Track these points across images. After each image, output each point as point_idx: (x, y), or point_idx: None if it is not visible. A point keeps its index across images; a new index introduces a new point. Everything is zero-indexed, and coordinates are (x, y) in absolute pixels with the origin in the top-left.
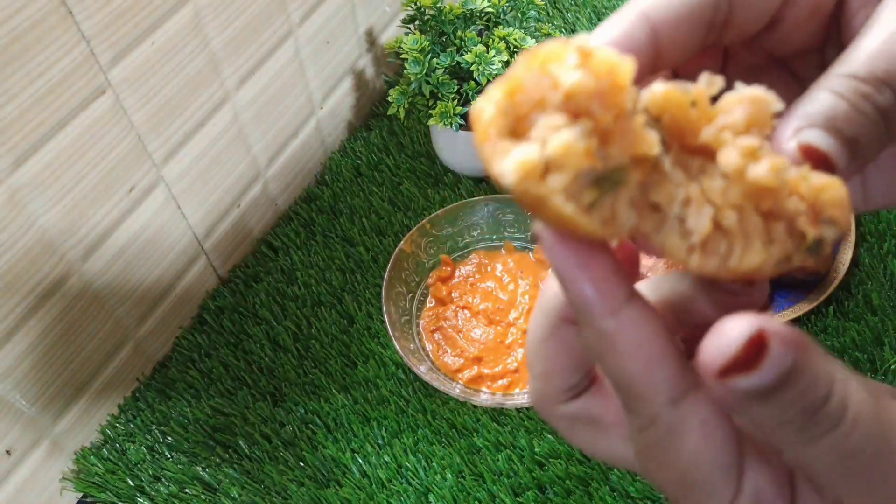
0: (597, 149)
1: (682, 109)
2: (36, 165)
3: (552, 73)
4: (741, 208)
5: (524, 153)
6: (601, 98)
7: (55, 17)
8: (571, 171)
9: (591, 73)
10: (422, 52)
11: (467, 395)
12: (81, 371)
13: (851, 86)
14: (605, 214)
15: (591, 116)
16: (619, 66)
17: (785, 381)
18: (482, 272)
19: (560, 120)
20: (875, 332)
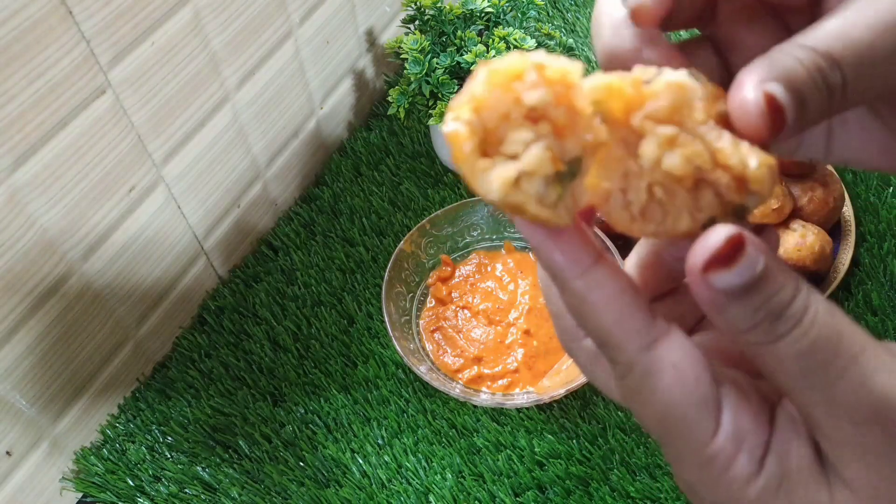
0: (559, 151)
1: (621, 96)
2: (36, 165)
3: (515, 90)
4: (668, 183)
5: (504, 172)
6: (556, 101)
7: (55, 17)
8: (541, 177)
9: (548, 86)
10: (422, 52)
11: (467, 395)
12: (81, 371)
13: (811, 57)
14: (569, 204)
15: (549, 118)
16: (570, 72)
17: (758, 281)
18: (482, 272)
19: (528, 135)
20: (875, 332)
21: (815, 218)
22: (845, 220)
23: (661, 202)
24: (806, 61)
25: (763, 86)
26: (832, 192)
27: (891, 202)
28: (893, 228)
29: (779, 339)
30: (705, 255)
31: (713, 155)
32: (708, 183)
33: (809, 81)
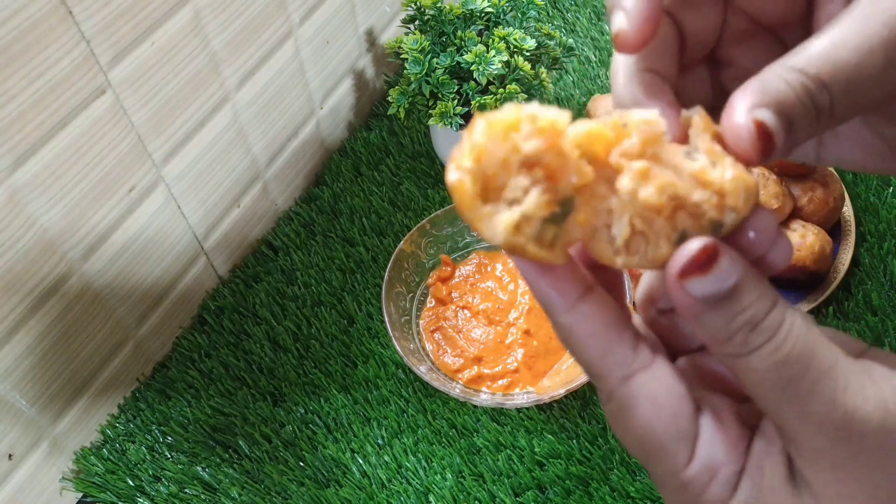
0: (552, 193)
1: (602, 139)
2: (36, 165)
3: (512, 140)
4: (647, 214)
5: (507, 218)
6: (548, 148)
7: (55, 17)
8: (538, 220)
9: (540, 136)
10: (422, 52)
11: (467, 395)
12: (81, 371)
13: (799, 80)
14: (563, 243)
15: (542, 164)
16: (559, 121)
17: (733, 291)
18: (482, 272)
19: (526, 181)
20: (875, 332)
21: (815, 218)
22: (845, 220)
23: (643, 233)
24: (795, 84)
25: (753, 112)
26: (832, 192)
27: (891, 202)
28: (893, 228)
29: (753, 352)
30: (681, 262)
31: (697, 176)
32: (685, 209)
33: (798, 104)
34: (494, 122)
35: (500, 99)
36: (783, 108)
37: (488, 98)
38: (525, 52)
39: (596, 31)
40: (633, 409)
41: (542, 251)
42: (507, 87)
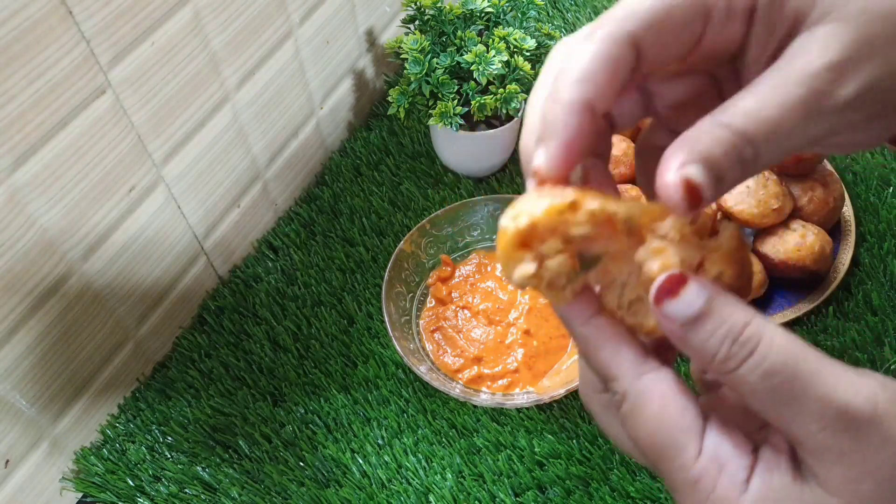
0: (577, 258)
1: (651, 215)
2: (36, 165)
3: (567, 223)
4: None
5: (525, 270)
6: (596, 229)
7: (55, 17)
8: (563, 279)
9: (593, 224)
10: (422, 52)
11: (467, 395)
12: (81, 371)
13: (726, 136)
14: (576, 287)
15: (581, 238)
16: (615, 213)
17: (705, 310)
18: (482, 272)
19: (558, 245)
20: (875, 332)
21: (815, 218)
22: (845, 220)
23: (645, 301)
24: (723, 140)
25: (683, 170)
26: (832, 192)
27: (891, 202)
28: (893, 228)
29: (741, 364)
30: (655, 290)
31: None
32: None
33: (725, 159)
34: (557, 207)
35: (500, 99)
36: (711, 163)
37: (488, 98)
38: (525, 52)
39: None
40: (645, 404)
41: (551, 295)
42: (507, 87)
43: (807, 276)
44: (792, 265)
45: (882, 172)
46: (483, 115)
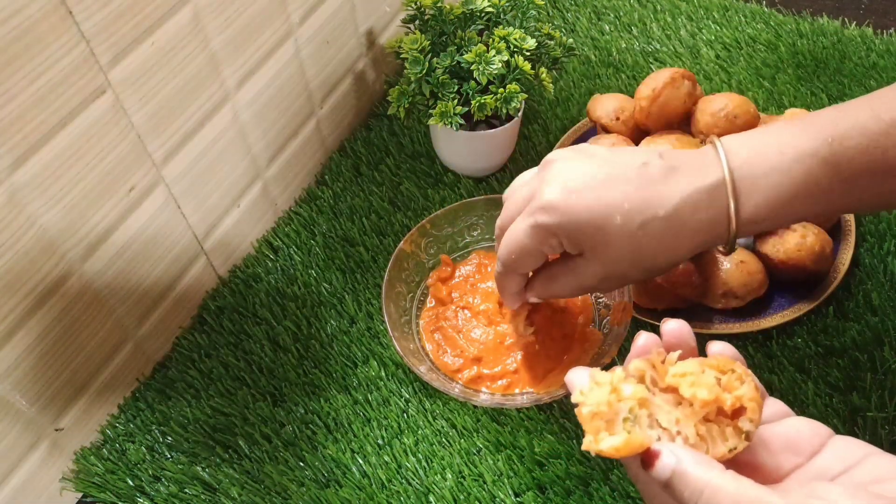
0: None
1: (657, 370)
2: (36, 165)
3: (621, 401)
4: (704, 422)
5: (611, 442)
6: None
7: (55, 17)
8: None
9: (633, 397)
10: (422, 51)
11: (467, 395)
12: (81, 371)
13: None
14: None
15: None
16: (637, 389)
17: (670, 480)
18: (482, 272)
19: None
20: (875, 332)
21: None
22: (845, 220)
23: (702, 436)
24: None
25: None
26: None
27: None
28: (893, 228)
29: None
30: (639, 461)
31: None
32: (723, 422)
33: None
34: (613, 400)
35: (500, 99)
36: None
37: (488, 98)
38: (525, 52)
39: (596, 31)
40: None
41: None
42: (508, 86)
43: (807, 276)
44: (792, 265)
45: None
46: (483, 114)
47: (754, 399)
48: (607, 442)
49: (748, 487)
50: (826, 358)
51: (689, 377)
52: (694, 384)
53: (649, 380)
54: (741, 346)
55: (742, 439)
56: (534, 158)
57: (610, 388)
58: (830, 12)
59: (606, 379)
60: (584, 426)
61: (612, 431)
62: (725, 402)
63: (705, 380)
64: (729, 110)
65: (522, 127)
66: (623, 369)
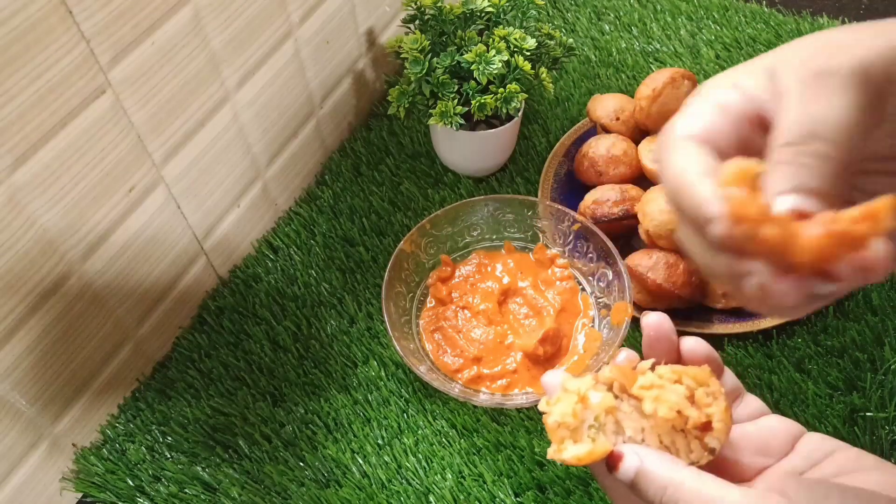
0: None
1: (626, 379)
2: (36, 165)
3: (588, 409)
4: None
5: (573, 451)
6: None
7: (55, 17)
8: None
9: (599, 406)
10: (422, 51)
11: (467, 395)
12: (81, 371)
13: (790, 151)
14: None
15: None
16: (604, 398)
17: (634, 481)
18: (482, 272)
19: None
20: (875, 332)
21: None
22: None
23: (666, 447)
24: (790, 157)
25: (782, 205)
26: None
27: None
28: None
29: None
30: (606, 466)
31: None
32: (691, 433)
33: (802, 169)
34: (566, 413)
35: (500, 98)
36: (796, 185)
37: (488, 98)
38: (525, 52)
39: (596, 31)
40: None
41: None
42: (508, 86)
43: None
44: None
45: None
46: (483, 114)
47: (723, 420)
48: (570, 451)
49: (709, 483)
50: (826, 358)
51: (654, 390)
52: (657, 399)
53: (618, 387)
54: (741, 346)
55: (706, 454)
56: (534, 158)
57: (577, 396)
58: (830, 12)
59: (576, 386)
60: (550, 435)
61: (578, 439)
62: (691, 417)
63: (670, 395)
64: None
65: (522, 127)
66: (593, 376)
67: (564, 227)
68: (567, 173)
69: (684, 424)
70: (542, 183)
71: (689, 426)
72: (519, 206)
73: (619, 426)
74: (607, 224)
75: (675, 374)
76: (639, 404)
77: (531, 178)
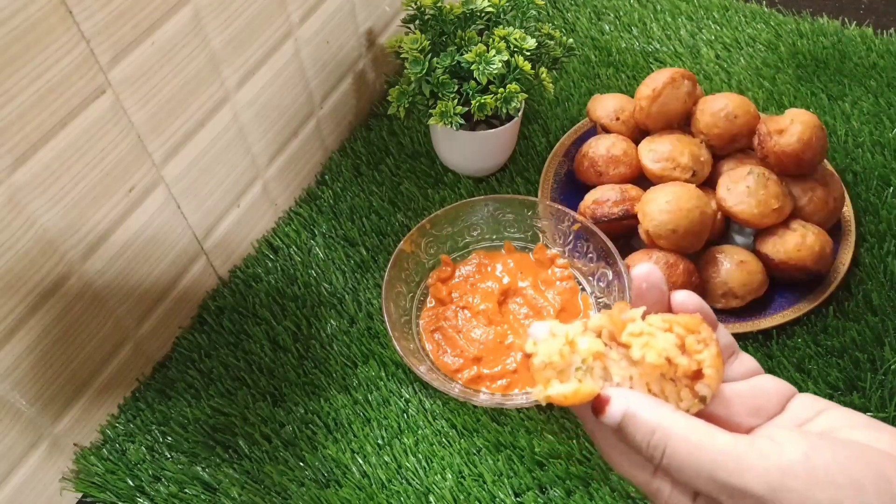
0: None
1: (615, 326)
2: (36, 165)
3: (576, 353)
4: (656, 379)
5: (560, 389)
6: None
7: (55, 17)
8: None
9: (589, 349)
10: (422, 51)
11: (467, 395)
12: (81, 371)
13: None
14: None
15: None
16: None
17: (622, 424)
18: (482, 272)
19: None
20: (875, 332)
21: (815, 218)
22: (845, 220)
23: (655, 394)
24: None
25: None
26: (832, 192)
27: (891, 202)
28: (893, 228)
29: (661, 461)
30: (591, 407)
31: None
32: (681, 382)
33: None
34: (553, 353)
35: (500, 98)
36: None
37: (488, 97)
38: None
39: (596, 30)
40: None
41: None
42: (508, 86)
43: (807, 276)
44: (792, 265)
45: (882, 172)
46: (483, 114)
47: (713, 366)
48: (556, 389)
49: (699, 427)
50: (826, 358)
51: (643, 337)
52: (646, 346)
53: (607, 335)
54: (741, 346)
55: (696, 402)
56: (534, 158)
57: (565, 339)
58: (830, 12)
59: (563, 331)
60: (535, 377)
61: (564, 381)
62: (681, 365)
63: (660, 342)
64: (729, 110)
65: (522, 127)
66: (582, 323)
67: (564, 227)
68: (567, 173)
69: (674, 373)
70: (542, 183)
71: (679, 374)
72: (519, 206)
73: (606, 373)
74: (607, 224)
75: (665, 323)
76: (627, 352)
77: (531, 178)
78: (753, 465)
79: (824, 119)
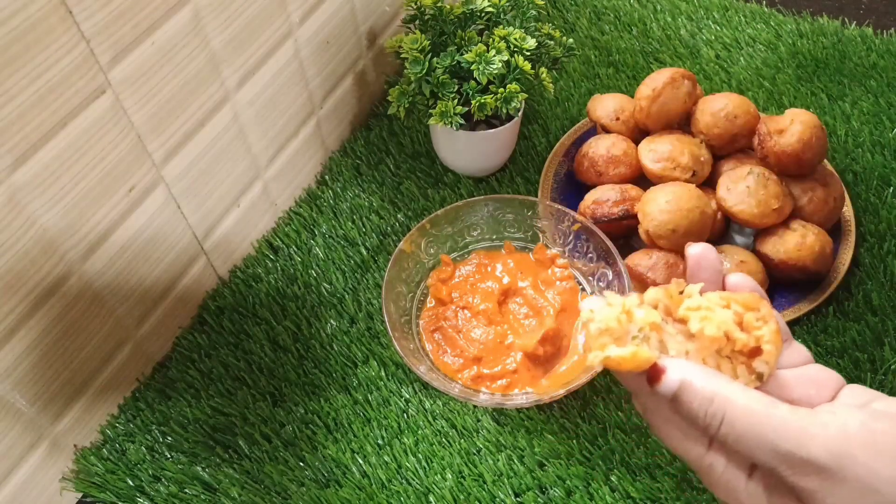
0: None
1: (672, 301)
2: (36, 165)
3: (633, 322)
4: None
5: (618, 352)
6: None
7: (55, 17)
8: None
9: (645, 319)
10: (422, 51)
11: (467, 395)
12: (81, 371)
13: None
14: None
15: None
16: (649, 313)
17: (678, 392)
18: (482, 272)
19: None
20: (875, 332)
21: (815, 218)
22: (845, 220)
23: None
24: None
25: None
26: (832, 192)
27: (891, 202)
28: (893, 228)
29: (718, 430)
30: (646, 376)
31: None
32: (738, 359)
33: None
34: (621, 316)
35: (500, 98)
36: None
37: (488, 97)
38: (525, 52)
39: (596, 30)
40: None
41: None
42: (508, 86)
43: (807, 276)
44: (792, 265)
45: (882, 172)
46: (483, 114)
47: (772, 342)
48: (615, 351)
49: (758, 396)
50: (826, 358)
51: (701, 311)
52: (704, 319)
53: (663, 309)
54: None
55: (753, 379)
56: (534, 158)
57: (622, 309)
58: (830, 12)
59: (619, 301)
60: (591, 343)
61: (621, 347)
62: (739, 341)
63: (718, 316)
64: (729, 110)
65: (522, 127)
66: (638, 296)
67: (564, 227)
68: (567, 173)
69: (731, 350)
70: (542, 183)
71: (736, 350)
72: (519, 206)
73: (662, 346)
74: (607, 224)
75: (723, 300)
76: (684, 327)
77: (531, 178)
78: (816, 434)
79: (824, 119)
